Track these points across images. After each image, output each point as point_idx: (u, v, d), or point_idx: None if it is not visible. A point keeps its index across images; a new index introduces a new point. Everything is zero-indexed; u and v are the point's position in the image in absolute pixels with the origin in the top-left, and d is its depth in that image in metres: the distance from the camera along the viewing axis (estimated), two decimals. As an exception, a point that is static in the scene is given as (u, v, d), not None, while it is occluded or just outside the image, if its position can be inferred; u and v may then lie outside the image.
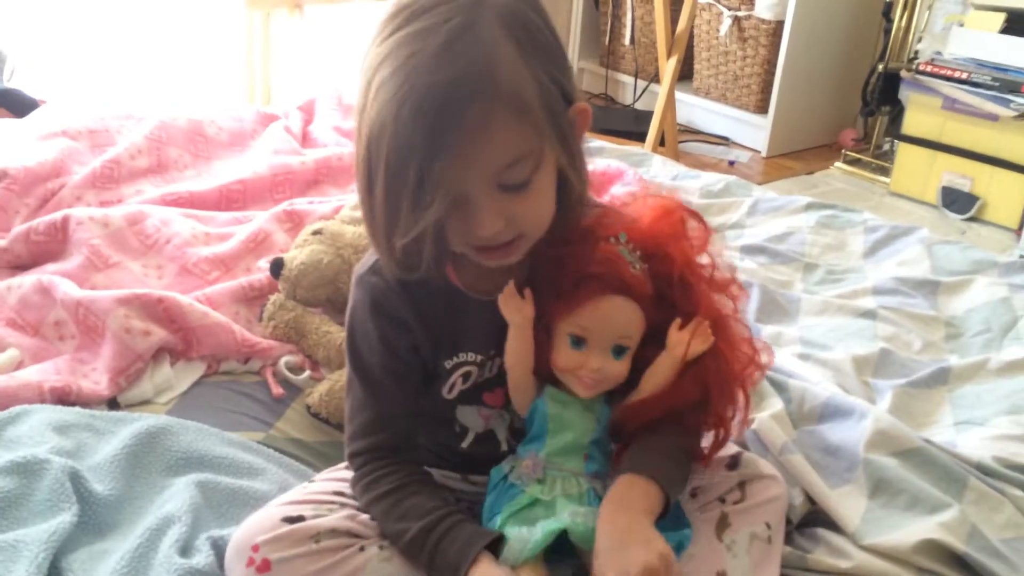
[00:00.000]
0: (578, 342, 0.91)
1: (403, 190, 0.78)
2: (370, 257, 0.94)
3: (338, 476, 1.00)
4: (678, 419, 0.93)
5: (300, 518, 0.89)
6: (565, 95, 0.84)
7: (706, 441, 0.98)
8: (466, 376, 0.97)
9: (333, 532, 0.89)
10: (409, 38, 0.77)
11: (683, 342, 0.91)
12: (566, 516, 0.88)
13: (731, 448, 1.02)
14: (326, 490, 0.96)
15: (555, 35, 0.85)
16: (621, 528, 0.85)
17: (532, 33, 0.81)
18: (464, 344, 0.95)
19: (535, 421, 0.95)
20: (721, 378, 0.92)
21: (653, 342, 0.93)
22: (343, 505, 0.93)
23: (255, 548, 0.87)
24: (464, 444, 1.01)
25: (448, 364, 0.96)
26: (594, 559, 0.84)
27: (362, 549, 0.89)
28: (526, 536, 0.88)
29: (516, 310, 0.91)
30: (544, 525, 0.88)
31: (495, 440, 1.01)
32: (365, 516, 0.92)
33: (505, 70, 0.78)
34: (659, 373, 0.92)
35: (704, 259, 0.95)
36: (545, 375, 0.95)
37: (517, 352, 0.93)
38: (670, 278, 0.91)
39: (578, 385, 0.93)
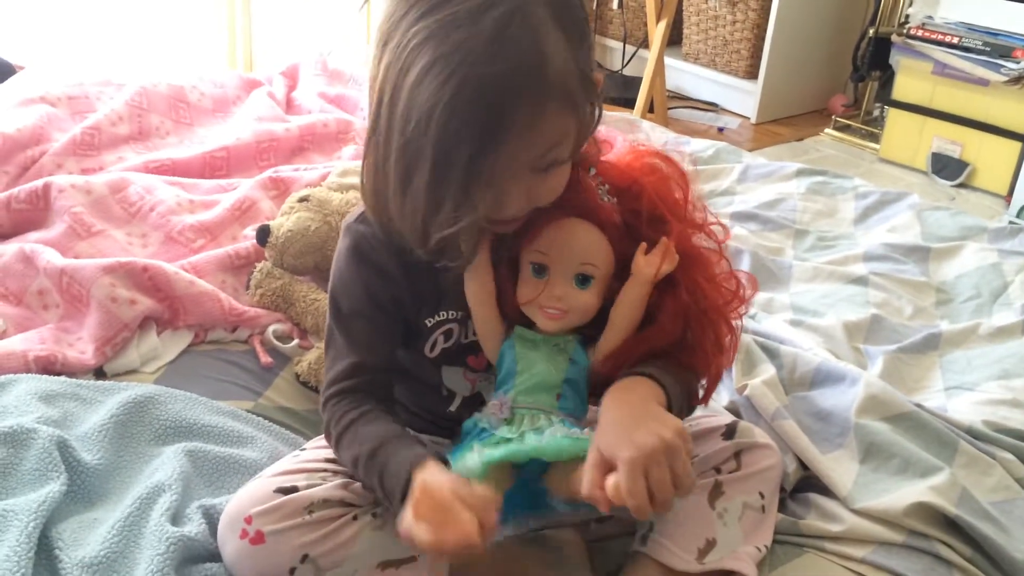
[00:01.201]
0: (540, 270, 0.88)
1: (449, 183, 0.76)
2: (360, 208, 0.94)
3: (327, 446, 0.99)
4: (666, 358, 0.90)
5: (293, 489, 0.89)
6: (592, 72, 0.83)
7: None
8: (447, 334, 0.96)
9: (326, 502, 0.88)
10: (454, 21, 0.74)
11: (650, 263, 0.86)
12: (531, 439, 0.84)
13: (727, 417, 1.02)
14: (318, 458, 0.95)
15: (586, 9, 0.83)
16: (631, 407, 0.81)
17: (574, 14, 0.80)
18: (445, 302, 0.95)
19: (504, 362, 0.91)
20: (700, 311, 0.89)
21: (626, 280, 0.89)
22: (335, 473, 0.92)
23: (248, 520, 0.86)
24: (452, 408, 1.01)
25: (429, 322, 0.95)
26: (599, 440, 0.79)
27: (355, 518, 0.88)
28: (482, 454, 0.83)
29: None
30: (507, 446, 0.84)
31: (483, 403, 1.00)
32: (358, 484, 0.91)
33: (555, 62, 0.76)
34: (627, 303, 0.88)
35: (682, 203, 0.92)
36: (514, 317, 0.91)
37: (476, 292, 0.90)
38: (640, 212, 0.88)
39: (542, 317, 0.89)
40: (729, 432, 0.98)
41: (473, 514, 0.74)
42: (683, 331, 0.89)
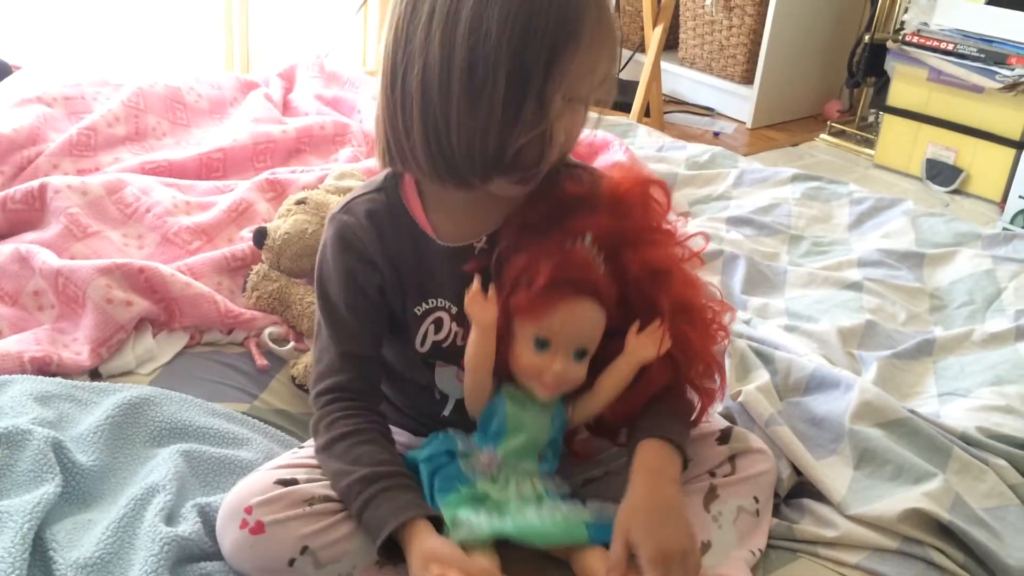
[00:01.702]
0: (542, 344, 0.90)
1: (530, 87, 0.79)
2: (345, 199, 0.95)
3: None
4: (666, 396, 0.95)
5: (293, 481, 0.89)
6: None
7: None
8: (438, 324, 0.96)
9: (326, 498, 0.89)
10: None
11: (644, 347, 0.91)
12: (532, 516, 0.88)
13: (722, 423, 1.03)
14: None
15: None
16: (659, 498, 0.86)
17: None
18: (432, 290, 0.95)
19: (494, 419, 0.94)
20: (688, 359, 0.93)
21: (607, 340, 0.93)
22: None
23: (248, 510, 0.87)
24: (445, 412, 1.01)
25: (418, 311, 0.95)
26: (624, 519, 0.85)
27: None
28: (481, 520, 0.87)
29: (481, 310, 0.89)
30: (504, 520, 0.88)
31: None
32: None
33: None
34: (616, 376, 0.93)
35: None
36: (503, 373, 0.94)
37: (479, 354, 0.91)
38: (631, 274, 0.91)
39: (540, 388, 0.92)
40: (724, 437, 0.99)
41: None
42: (674, 377, 0.93)
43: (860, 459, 1.09)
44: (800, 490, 1.08)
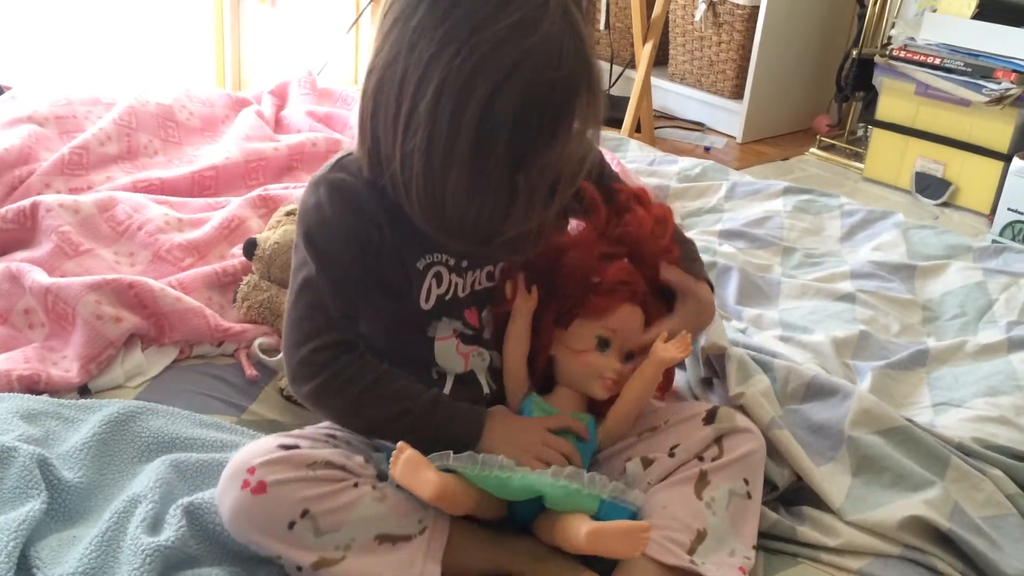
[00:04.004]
0: (604, 344, 0.99)
1: (525, 175, 0.82)
2: (325, 165, 0.95)
3: (328, 425, 0.99)
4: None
5: (296, 447, 0.89)
6: None
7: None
8: (438, 278, 0.96)
9: (329, 464, 0.88)
10: (507, 37, 0.78)
11: (668, 351, 0.98)
12: (548, 477, 0.89)
13: (707, 404, 1.04)
14: (319, 432, 0.96)
15: None
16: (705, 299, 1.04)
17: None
18: (430, 244, 0.95)
19: None
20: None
21: None
22: (336, 445, 0.93)
23: (251, 470, 0.86)
24: (446, 390, 1.00)
25: (420, 265, 0.95)
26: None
27: (356, 486, 0.88)
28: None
29: (524, 300, 0.99)
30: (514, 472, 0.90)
31: (476, 383, 1.01)
32: (359, 458, 0.92)
33: (593, 54, 0.84)
34: (642, 379, 1.00)
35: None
36: (540, 375, 1.01)
37: (517, 337, 0.99)
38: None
39: (599, 386, 0.99)
40: (710, 416, 0.99)
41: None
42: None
43: (859, 466, 1.09)
44: (799, 497, 1.08)
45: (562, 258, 1.00)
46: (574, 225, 1.05)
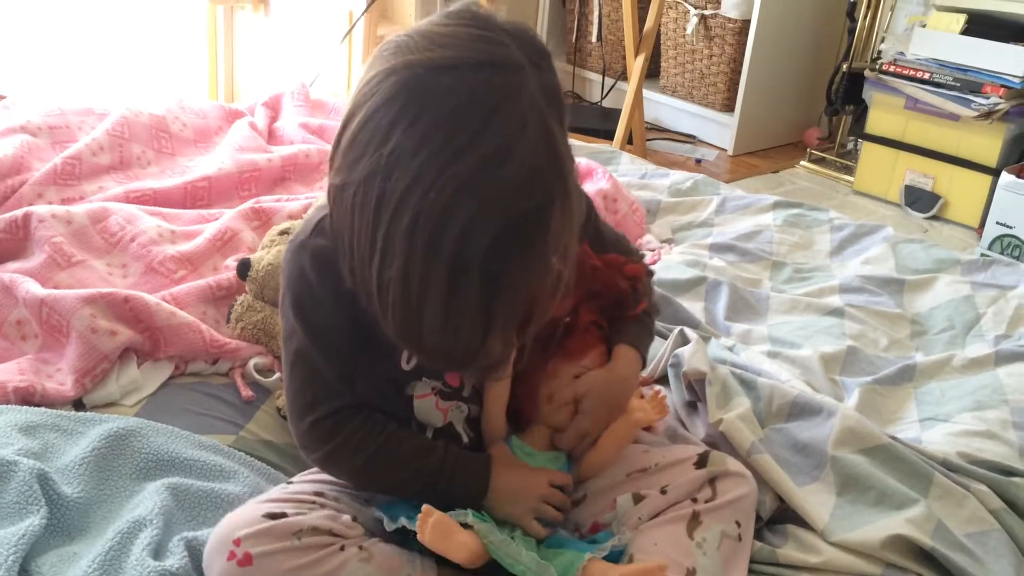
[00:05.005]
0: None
1: (503, 302, 0.80)
2: (306, 225, 0.94)
3: (317, 478, 0.99)
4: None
5: (282, 515, 0.89)
6: None
7: None
8: None
9: (315, 530, 0.88)
10: (483, 167, 0.76)
11: (645, 412, 1.04)
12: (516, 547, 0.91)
13: (699, 447, 1.04)
14: (306, 491, 0.95)
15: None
16: (616, 373, 1.04)
17: (563, 104, 0.83)
18: None
19: None
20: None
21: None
22: (323, 506, 0.93)
23: (236, 542, 0.86)
24: None
25: None
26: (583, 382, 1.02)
27: (342, 549, 0.89)
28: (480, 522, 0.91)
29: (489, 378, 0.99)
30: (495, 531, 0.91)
31: (455, 434, 1.01)
32: (346, 517, 0.92)
33: (570, 170, 0.82)
34: (616, 435, 1.03)
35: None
36: (517, 424, 1.03)
37: (497, 393, 1.00)
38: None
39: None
40: (701, 461, 1.00)
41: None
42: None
43: (843, 485, 1.09)
44: (783, 515, 1.09)
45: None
46: None
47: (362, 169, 0.79)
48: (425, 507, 0.89)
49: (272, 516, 0.88)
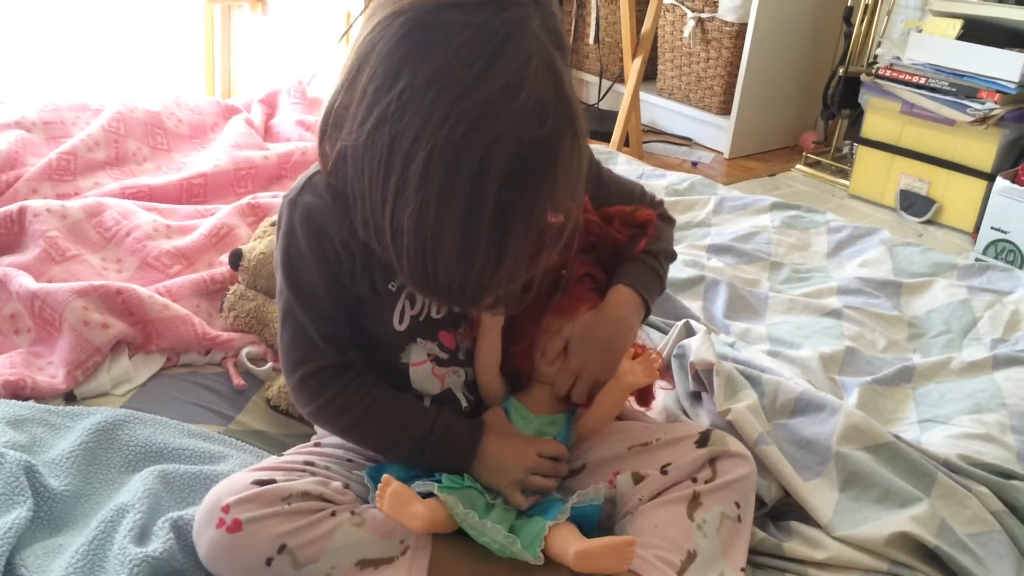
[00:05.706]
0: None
1: (515, 235, 0.80)
2: (298, 181, 0.94)
3: (308, 450, 0.99)
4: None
5: (271, 481, 0.88)
6: None
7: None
8: (412, 299, 0.96)
9: (305, 495, 0.88)
10: (496, 97, 0.76)
11: (635, 374, 0.98)
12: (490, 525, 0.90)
13: (701, 425, 1.04)
14: (296, 460, 0.95)
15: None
16: (609, 314, 1.00)
17: (564, 42, 0.84)
18: None
19: None
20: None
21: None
22: (313, 473, 0.93)
23: (225, 509, 0.86)
24: None
25: (392, 286, 0.94)
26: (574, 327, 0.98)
27: (333, 514, 0.88)
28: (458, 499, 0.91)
29: (491, 317, 0.96)
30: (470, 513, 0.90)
31: (455, 400, 1.00)
32: (337, 484, 0.92)
33: (574, 97, 0.82)
34: (610, 396, 1.00)
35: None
36: (508, 375, 1.01)
37: (488, 353, 0.98)
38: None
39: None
40: (703, 440, 0.99)
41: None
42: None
43: (846, 482, 1.09)
44: (787, 512, 1.08)
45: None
46: None
47: (373, 120, 0.79)
48: (385, 476, 0.88)
49: (261, 483, 0.88)
